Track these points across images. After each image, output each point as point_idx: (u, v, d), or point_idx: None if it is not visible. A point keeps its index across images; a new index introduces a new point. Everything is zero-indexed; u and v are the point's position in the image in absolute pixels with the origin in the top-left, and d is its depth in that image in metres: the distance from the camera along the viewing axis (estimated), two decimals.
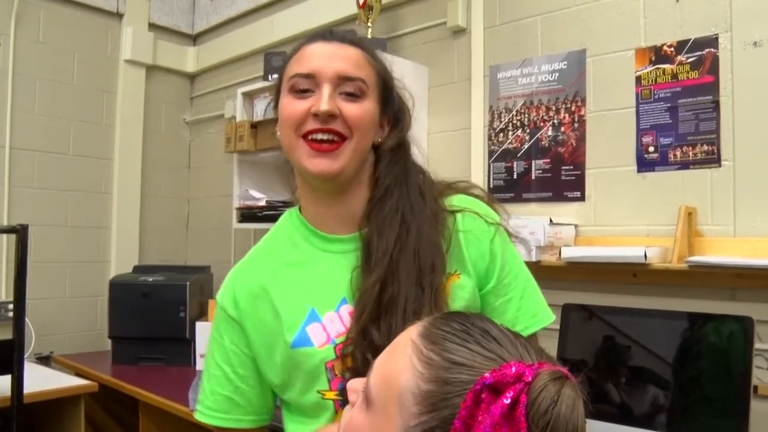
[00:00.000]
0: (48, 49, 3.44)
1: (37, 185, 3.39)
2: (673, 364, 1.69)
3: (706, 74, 1.97)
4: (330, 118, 0.98)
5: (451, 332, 0.61)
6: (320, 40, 1.04)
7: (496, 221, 1.07)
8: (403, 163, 1.08)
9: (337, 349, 0.99)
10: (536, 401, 0.52)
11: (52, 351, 3.33)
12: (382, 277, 0.96)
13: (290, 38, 3.34)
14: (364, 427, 0.63)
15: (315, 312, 1.02)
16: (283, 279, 1.06)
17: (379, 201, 1.03)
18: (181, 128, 4.10)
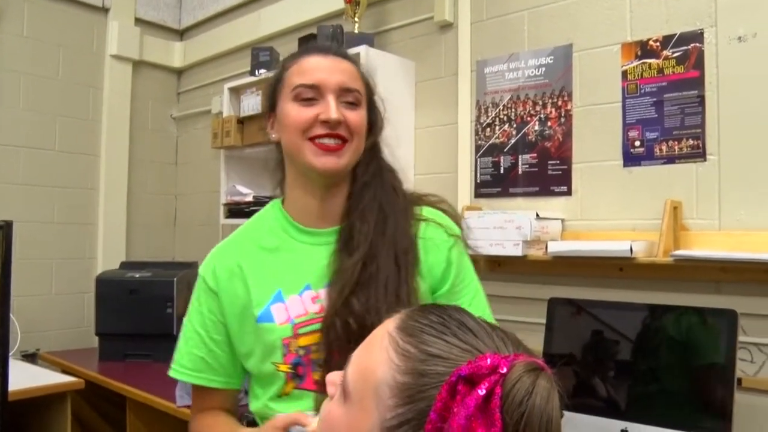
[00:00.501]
0: (32, 43, 3.41)
1: (23, 181, 3.37)
2: (659, 357, 1.70)
3: (691, 69, 1.98)
4: (337, 124, 1.12)
5: (428, 324, 0.60)
6: (318, 54, 1.17)
7: (456, 233, 1.20)
8: (377, 161, 1.22)
9: (295, 328, 1.12)
10: (511, 393, 0.52)
11: (38, 348, 3.30)
12: (364, 257, 1.10)
13: (277, 33, 3.34)
14: (341, 420, 0.62)
15: (281, 293, 1.15)
16: (257, 261, 1.19)
17: (359, 194, 1.17)
18: (168, 124, 4.08)
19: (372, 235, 1.12)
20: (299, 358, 1.13)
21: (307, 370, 1.14)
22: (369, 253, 1.10)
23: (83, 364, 2.97)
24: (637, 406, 1.68)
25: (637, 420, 1.65)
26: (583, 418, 1.73)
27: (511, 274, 2.36)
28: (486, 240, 2.16)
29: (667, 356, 1.69)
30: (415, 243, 1.14)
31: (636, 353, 1.74)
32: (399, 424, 0.57)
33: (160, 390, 2.49)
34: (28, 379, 2.60)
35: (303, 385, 1.14)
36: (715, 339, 1.61)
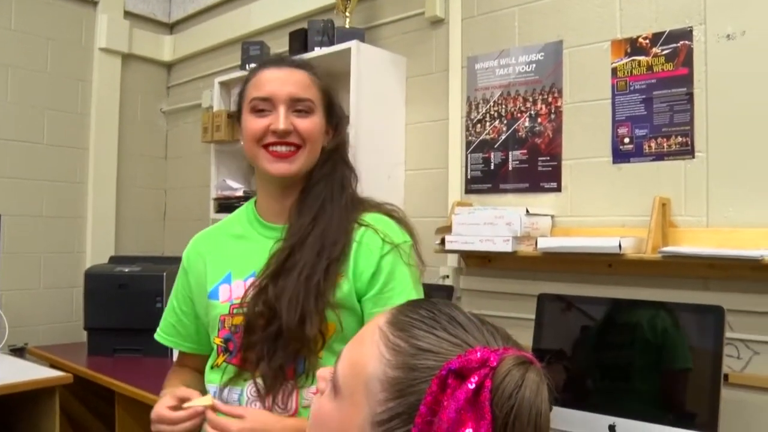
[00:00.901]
0: (21, 36, 3.38)
1: (11, 175, 3.35)
2: (646, 353, 1.71)
3: (680, 66, 1.99)
4: (286, 134, 1.22)
5: (418, 319, 0.61)
6: (272, 66, 1.27)
7: (393, 242, 1.23)
8: (333, 160, 1.30)
9: (232, 308, 1.24)
10: (500, 386, 0.53)
11: (26, 342, 3.29)
12: (291, 246, 1.20)
13: (268, 27, 3.32)
14: (332, 415, 0.63)
15: (230, 275, 1.27)
16: (221, 245, 1.33)
17: (308, 192, 1.27)
18: (157, 118, 4.06)
19: (303, 228, 1.21)
20: (230, 335, 1.25)
21: (236, 346, 1.23)
22: (296, 244, 1.20)
23: (72, 359, 2.96)
24: (625, 402, 1.69)
25: (625, 415, 1.67)
26: (572, 413, 1.75)
27: (501, 270, 2.37)
28: (476, 236, 2.17)
29: (654, 352, 1.70)
30: (346, 240, 1.21)
31: (624, 349, 1.75)
32: (390, 418, 0.57)
33: (149, 384, 2.48)
34: (16, 374, 2.59)
35: (231, 360, 1.24)
36: (703, 335, 1.62)
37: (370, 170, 2.57)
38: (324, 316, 1.16)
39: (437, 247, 2.29)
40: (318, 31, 2.79)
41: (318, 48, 2.75)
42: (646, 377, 1.69)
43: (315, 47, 2.77)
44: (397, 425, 0.57)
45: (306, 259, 1.18)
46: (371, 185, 2.51)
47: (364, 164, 2.57)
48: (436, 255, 2.42)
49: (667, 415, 1.62)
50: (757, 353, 1.82)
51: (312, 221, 1.22)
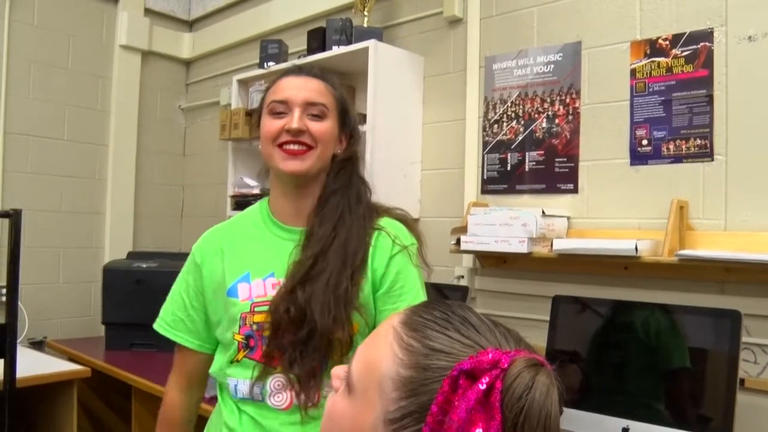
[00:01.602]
0: (43, 33, 3.42)
1: (32, 170, 3.39)
2: (662, 357, 1.70)
3: (700, 68, 1.97)
4: (300, 133, 1.30)
5: (431, 320, 0.62)
6: (291, 75, 1.36)
7: (402, 244, 1.33)
8: (348, 172, 1.38)
9: (253, 306, 1.30)
10: (511, 387, 0.54)
11: (45, 336, 3.34)
12: (317, 254, 1.27)
13: (286, 26, 3.34)
14: (345, 412, 0.64)
15: (249, 275, 1.32)
16: (237, 245, 1.37)
17: (325, 200, 1.34)
18: (176, 115, 4.09)
19: (326, 237, 1.28)
20: (252, 332, 1.30)
21: (258, 343, 1.30)
22: (320, 253, 1.27)
23: (90, 353, 2.99)
24: (640, 405, 1.68)
25: (639, 419, 1.66)
26: (586, 416, 1.74)
27: (517, 271, 2.36)
28: (491, 237, 2.17)
29: (670, 356, 1.69)
30: (365, 247, 1.30)
31: (639, 352, 1.74)
32: (401, 416, 0.58)
33: (166, 379, 2.46)
34: (36, 367, 2.63)
35: (252, 355, 1.31)
36: (719, 339, 1.61)
37: (386, 169, 2.59)
38: (351, 319, 1.24)
39: (452, 247, 2.29)
40: (336, 30, 2.80)
41: (336, 47, 2.76)
42: (661, 381, 1.68)
43: (333, 46, 2.78)
44: (408, 423, 0.57)
45: (332, 267, 1.25)
46: (387, 183, 2.56)
47: (380, 162, 2.60)
48: (451, 255, 2.42)
49: (682, 418, 1.61)
50: None
51: (333, 231, 1.29)
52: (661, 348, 1.71)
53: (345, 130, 1.39)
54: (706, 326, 1.66)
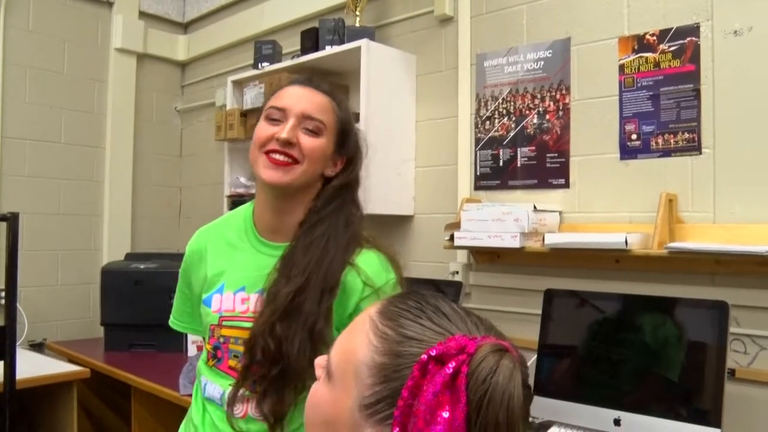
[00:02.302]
0: (38, 37, 3.45)
1: (29, 173, 3.42)
2: (652, 348, 1.73)
3: (687, 63, 2.00)
4: (288, 145, 1.25)
5: (405, 309, 0.65)
6: (298, 85, 1.32)
7: (374, 286, 1.25)
8: (341, 200, 1.31)
9: (221, 319, 1.31)
10: (476, 371, 0.56)
11: (45, 338, 3.36)
12: (298, 288, 1.21)
13: (280, 26, 3.36)
14: (325, 398, 0.67)
15: (223, 287, 1.33)
16: (219, 250, 1.37)
17: (312, 225, 1.27)
18: (172, 116, 4.12)
19: (310, 268, 1.22)
20: (219, 344, 1.32)
21: (224, 355, 1.31)
22: (301, 287, 1.21)
23: (89, 354, 3.02)
24: (631, 396, 1.71)
25: (630, 410, 1.68)
26: (578, 407, 1.77)
27: (510, 266, 2.39)
28: (484, 232, 2.19)
29: (660, 347, 1.72)
30: (338, 283, 1.24)
31: (629, 344, 1.76)
32: (376, 401, 0.61)
33: (165, 379, 2.53)
34: (36, 368, 2.66)
35: (219, 366, 1.32)
36: (707, 330, 1.64)
37: (381, 167, 2.61)
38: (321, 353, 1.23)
39: (446, 243, 2.31)
40: (329, 30, 2.82)
41: (329, 47, 2.78)
42: (651, 372, 1.71)
43: (326, 46, 2.80)
44: (382, 408, 0.60)
45: (311, 304, 1.20)
46: (381, 182, 2.58)
47: (374, 161, 2.58)
48: (445, 251, 2.45)
49: (672, 409, 1.64)
50: (763, 348, 1.83)
51: (317, 263, 1.23)
52: (651, 339, 1.74)
53: (341, 153, 1.32)
54: (694, 318, 1.68)
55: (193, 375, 2.44)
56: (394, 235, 2.75)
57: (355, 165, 1.34)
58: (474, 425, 0.55)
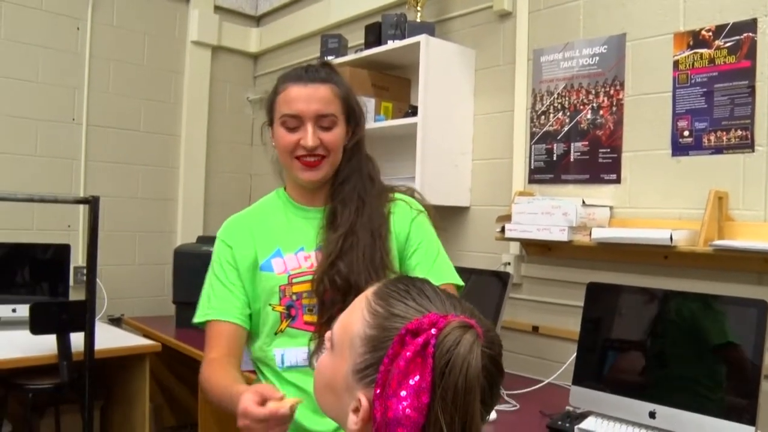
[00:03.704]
0: (121, 32, 3.69)
1: (110, 159, 3.67)
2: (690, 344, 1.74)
3: (743, 59, 1.98)
4: (314, 149, 1.41)
5: (395, 291, 0.76)
6: (299, 83, 1.41)
7: (418, 209, 1.52)
8: (358, 156, 1.50)
9: (290, 278, 1.42)
10: (442, 343, 0.66)
11: (122, 313, 3.61)
12: (345, 232, 1.40)
13: (345, 21, 3.47)
14: (328, 365, 0.80)
15: (280, 251, 1.45)
16: (263, 226, 1.50)
17: (341, 184, 1.47)
18: (244, 106, 4.30)
19: (351, 218, 1.42)
20: (292, 302, 1.43)
21: (299, 312, 1.42)
22: (349, 231, 1.40)
23: (161, 330, 3.23)
24: (666, 390, 1.73)
25: (666, 403, 1.71)
26: (614, 399, 1.80)
27: (559, 259, 2.42)
28: (534, 225, 2.24)
29: (698, 343, 1.73)
30: (386, 219, 1.45)
31: (668, 339, 1.78)
32: (365, 367, 0.73)
33: None
34: (113, 341, 2.88)
35: (295, 324, 1.43)
36: (747, 328, 1.64)
37: (438, 159, 2.69)
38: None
39: (498, 234, 2.37)
40: (391, 25, 2.90)
41: (391, 41, 2.86)
42: (688, 367, 1.72)
43: (388, 40, 2.88)
44: (370, 373, 0.72)
45: (363, 242, 1.38)
46: (439, 174, 2.67)
47: (431, 153, 2.70)
48: (499, 243, 2.51)
49: (707, 404, 1.65)
50: None
51: (356, 211, 1.42)
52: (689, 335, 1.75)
53: (351, 125, 1.48)
54: (734, 315, 1.69)
55: None
56: (450, 226, 2.82)
57: (360, 125, 1.51)
58: (438, 387, 0.65)
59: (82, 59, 3.53)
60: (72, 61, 3.51)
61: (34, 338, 2.46)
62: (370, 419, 0.69)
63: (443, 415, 0.64)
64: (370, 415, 0.69)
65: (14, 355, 2.54)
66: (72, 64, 3.51)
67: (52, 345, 2.49)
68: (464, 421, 0.65)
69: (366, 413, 0.70)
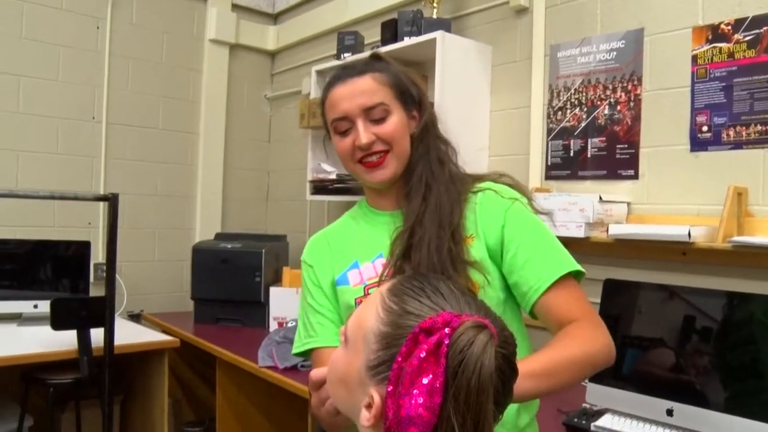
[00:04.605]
0: (140, 31, 3.72)
1: (130, 157, 3.71)
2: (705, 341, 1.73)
3: (763, 53, 1.95)
4: (370, 145, 1.26)
5: (410, 288, 0.76)
6: (339, 84, 1.29)
7: (512, 197, 1.27)
8: (426, 141, 1.31)
9: (366, 288, 1.28)
10: (456, 342, 0.66)
11: (142, 309, 3.65)
12: (411, 227, 1.23)
13: (361, 18, 3.47)
14: (341, 360, 0.80)
15: (357, 263, 1.32)
16: (341, 239, 1.39)
17: (410, 174, 1.30)
18: (261, 104, 4.32)
19: (417, 208, 1.25)
20: None
21: None
22: (415, 223, 1.23)
23: (180, 326, 3.26)
24: (684, 387, 1.72)
25: (684, 401, 1.69)
26: (632, 396, 1.79)
27: (577, 255, 2.37)
28: (550, 221, 2.22)
29: (715, 340, 1.71)
30: (461, 206, 1.25)
31: (684, 336, 1.77)
32: (378, 364, 0.73)
33: (247, 352, 2.71)
34: (132, 336, 2.91)
35: None
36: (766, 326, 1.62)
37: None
38: (468, 275, 1.19)
39: None
40: (407, 22, 2.90)
41: (407, 38, 2.86)
42: (705, 364, 1.71)
43: (404, 37, 2.88)
44: (382, 370, 0.71)
45: (430, 233, 1.21)
46: None
47: None
48: None
49: (725, 402, 1.64)
50: None
51: (423, 201, 1.25)
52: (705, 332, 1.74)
53: (412, 108, 1.32)
54: (751, 312, 1.67)
55: (272, 349, 2.62)
56: None
57: (425, 106, 1.34)
58: (450, 387, 0.64)
59: (102, 58, 3.56)
60: (92, 60, 3.55)
61: (55, 334, 2.49)
62: (383, 416, 0.69)
63: (455, 415, 0.64)
64: (383, 412, 0.69)
65: (36, 350, 2.58)
66: (92, 62, 3.55)
67: (72, 340, 2.52)
68: (476, 422, 0.65)
69: (378, 410, 0.70)
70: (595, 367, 1.12)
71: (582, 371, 1.11)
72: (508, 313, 1.23)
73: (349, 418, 0.81)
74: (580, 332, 1.13)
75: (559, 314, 1.17)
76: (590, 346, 1.11)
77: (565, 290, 1.19)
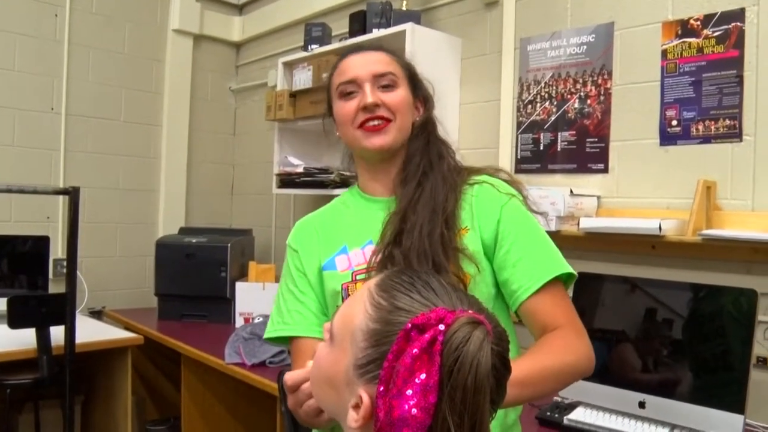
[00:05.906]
0: (101, 19, 3.61)
1: (91, 150, 3.60)
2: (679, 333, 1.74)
3: (731, 48, 1.97)
4: (375, 108, 1.24)
5: (399, 283, 0.72)
6: (352, 54, 1.30)
7: (508, 192, 1.26)
8: (426, 135, 1.32)
9: (354, 274, 1.24)
10: (450, 340, 0.62)
11: (103, 306, 3.56)
12: (404, 210, 1.22)
13: (329, 9, 3.42)
14: (326, 358, 0.76)
15: (346, 248, 1.29)
16: (330, 224, 1.35)
17: (407, 162, 1.29)
18: (226, 96, 4.24)
19: (411, 194, 1.23)
20: None
21: None
22: (407, 208, 1.22)
23: (143, 322, 3.19)
24: (656, 380, 1.73)
25: (655, 393, 1.71)
26: (604, 389, 1.80)
27: None
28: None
29: (686, 332, 1.73)
30: (457, 196, 1.23)
31: (656, 328, 1.78)
32: (367, 363, 0.69)
33: (212, 348, 2.66)
34: (94, 334, 2.83)
35: None
36: (735, 317, 1.64)
37: None
38: (459, 264, 1.17)
39: None
40: (376, 13, 2.87)
41: (376, 29, 2.83)
42: (677, 357, 1.72)
43: (373, 29, 2.84)
44: (372, 369, 0.68)
45: (422, 218, 1.19)
46: None
47: None
48: None
49: (696, 394, 1.65)
50: None
51: (418, 186, 1.24)
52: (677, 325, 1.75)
53: (418, 96, 1.33)
54: (722, 304, 1.69)
55: (239, 345, 2.57)
56: None
57: (431, 103, 1.36)
58: (445, 386, 0.61)
59: (61, 47, 3.45)
60: (50, 49, 3.43)
61: (12, 332, 2.41)
62: (372, 417, 0.65)
63: (452, 415, 0.61)
64: (372, 413, 0.65)
65: None
66: (50, 51, 3.43)
67: (31, 339, 2.43)
68: (474, 422, 0.62)
69: (367, 410, 0.67)
70: (575, 377, 1.12)
71: (563, 381, 1.12)
72: (498, 310, 1.22)
73: (334, 418, 0.78)
74: (563, 342, 1.12)
75: (544, 319, 1.16)
76: (572, 357, 1.11)
77: (553, 295, 1.18)
